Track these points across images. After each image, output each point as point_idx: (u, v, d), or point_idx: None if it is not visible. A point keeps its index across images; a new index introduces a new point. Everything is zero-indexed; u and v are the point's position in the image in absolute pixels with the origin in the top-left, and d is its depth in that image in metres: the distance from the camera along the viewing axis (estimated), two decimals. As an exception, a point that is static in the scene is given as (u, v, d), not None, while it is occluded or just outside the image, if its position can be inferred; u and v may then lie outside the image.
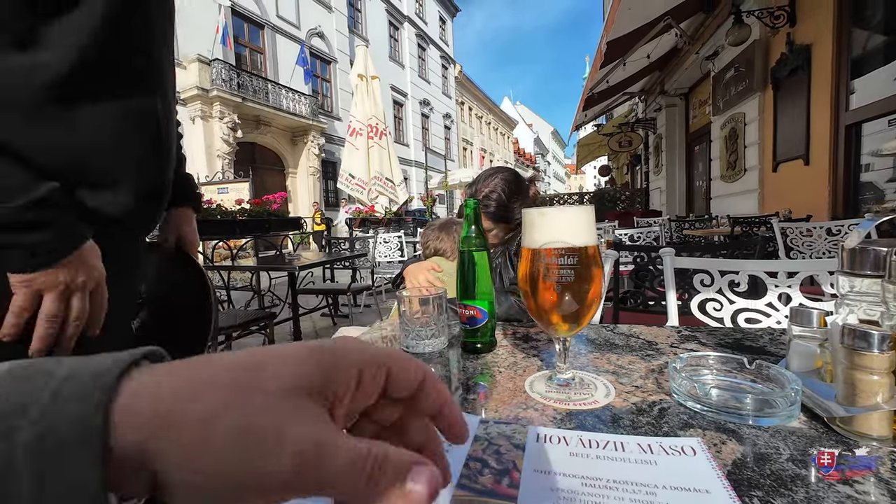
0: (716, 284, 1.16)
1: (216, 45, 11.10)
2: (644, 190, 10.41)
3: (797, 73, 4.27)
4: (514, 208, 1.08)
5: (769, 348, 0.62)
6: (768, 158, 4.95)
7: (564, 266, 0.44)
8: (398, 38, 21.27)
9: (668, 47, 6.68)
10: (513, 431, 0.41)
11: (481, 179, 1.13)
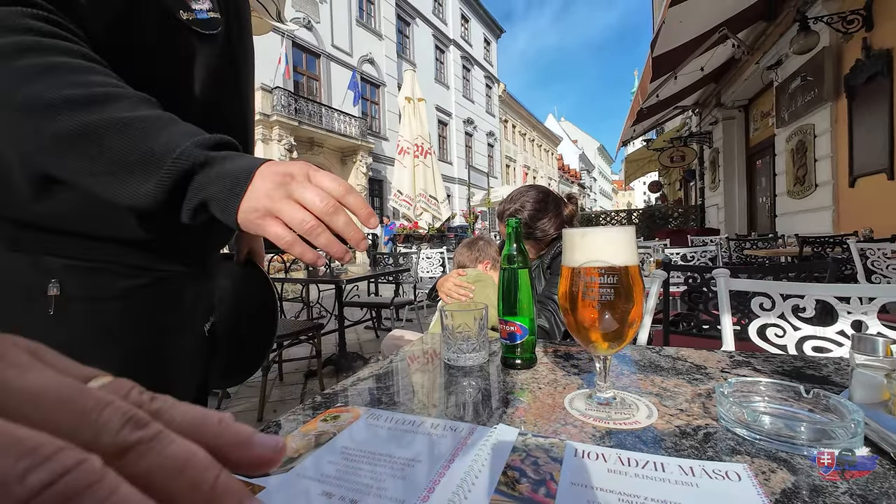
0: (777, 309, 1.08)
1: (278, 75, 12.09)
2: (699, 207, 9.83)
3: (876, 80, 3.91)
4: (539, 227, 1.14)
5: (833, 378, 0.58)
6: (843, 173, 4.52)
7: (604, 285, 0.45)
8: (444, 60, 21.99)
9: (723, 58, 6.38)
10: (551, 445, 0.42)
11: (511, 198, 1.20)
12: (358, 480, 0.37)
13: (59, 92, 0.39)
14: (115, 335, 0.55)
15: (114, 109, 0.40)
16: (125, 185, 0.41)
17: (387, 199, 16.80)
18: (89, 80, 0.41)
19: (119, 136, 0.40)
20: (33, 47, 0.40)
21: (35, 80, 0.39)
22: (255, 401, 2.50)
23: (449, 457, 0.40)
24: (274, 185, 0.41)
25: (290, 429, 0.48)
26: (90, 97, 0.40)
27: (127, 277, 0.55)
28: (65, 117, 0.39)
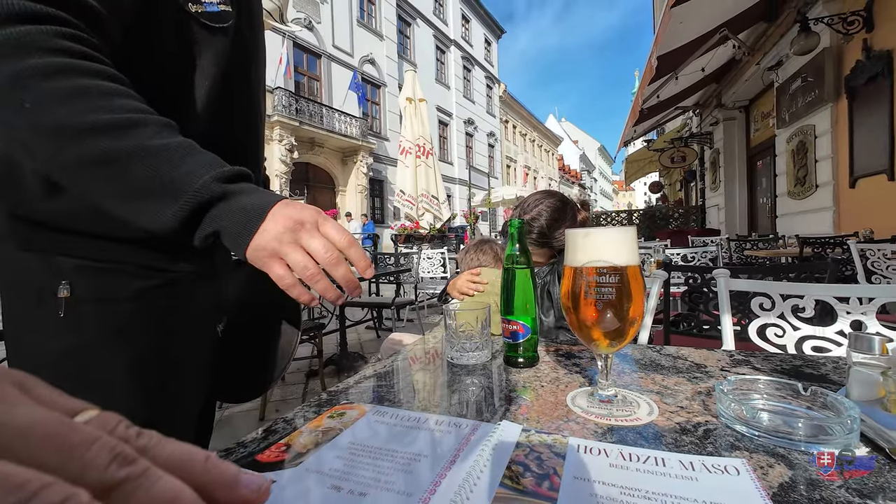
0: (777, 309, 1.09)
1: (279, 75, 12.10)
2: (700, 207, 9.83)
3: (877, 81, 3.92)
4: (555, 237, 1.11)
5: (832, 376, 0.58)
6: (844, 173, 4.53)
7: (605, 284, 0.46)
8: (444, 61, 22.01)
9: (724, 59, 6.38)
10: (553, 441, 0.43)
11: (528, 204, 1.17)
12: (365, 475, 0.38)
13: (86, 117, 0.40)
14: (126, 337, 0.55)
15: (138, 136, 0.42)
16: (142, 210, 0.42)
17: (387, 199, 16.83)
18: (117, 105, 0.42)
19: (141, 163, 0.41)
20: (63, 69, 0.41)
21: (64, 104, 0.40)
22: (256, 401, 2.51)
23: (454, 452, 0.41)
24: (284, 229, 0.44)
25: (297, 426, 0.49)
26: (116, 123, 0.41)
27: (140, 278, 0.56)
28: (91, 142, 0.40)
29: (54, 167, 0.42)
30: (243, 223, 0.44)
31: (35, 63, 0.40)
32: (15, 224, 0.53)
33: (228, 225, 0.44)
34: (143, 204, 0.42)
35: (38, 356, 0.53)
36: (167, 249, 0.58)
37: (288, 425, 0.50)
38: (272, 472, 0.39)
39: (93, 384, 0.54)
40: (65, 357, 0.53)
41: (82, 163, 0.41)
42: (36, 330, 0.53)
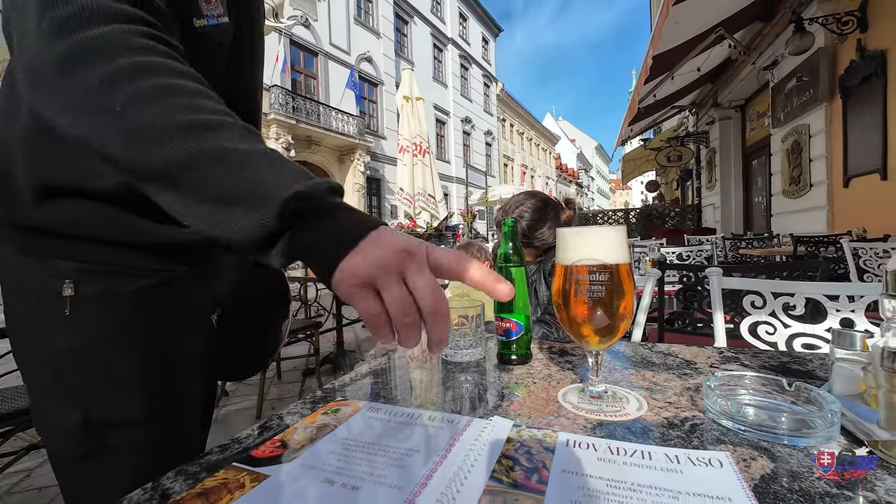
0: (768, 307, 1.10)
1: (275, 73, 12.05)
2: (696, 206, 9.88)
3: (870, 81, 3.95)
4: (537, 236, 1.15)
5: (817, 373, 0.60)
6: (838, 173, 4.57)
7: (595, 282, 0.47)
8: (442, 59, 21.97)
9: (720, 59, 6.42)
10: (544, 435, 0.43)
11: (510, 205, 1.21)
12: (358, 469, 0.39)
13: (172, 116, 0.38)
14: (130, 335, 0.56)
15: (222, 138, 0.38)
16: (220, 217, 0.37)
17: (384, 197, 16.80)
18: (202, 105, 0.40)
19: (224, 166, 0.37)
20: (150, 68, 0.39)
21: (151, 103, 0.38)
22: (253, 399, 2.51)
23: (446, 447, 0.42)
24: (390, 255, 0.36)
25: (291, 422, 0.50)
26: (202, 123, 0.38)
27: (139, 278, 0.57)
28: (175, 143, 0.37)
29: (137, 171, 0.39)
30: (335, 241, 0.37)
31: (123, 63, 0.38)
32: (11, 230, 0.53)
33: (317, 241, 0.37)
34: (222, 210, 0.37)
35: (45, 355, 0.54)
36: (164, 253, 0.59)
37: (282, 422, 0.50)
38: (267, 468, 0.39)
39: (102, 381, 0.54)
40: (73, 355, 0.53)
41: (166, 164, 0.37)
42: (42, 329, 0.53)
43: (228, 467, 0.40)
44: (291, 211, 0.36)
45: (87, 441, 0.53)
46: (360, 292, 0.36)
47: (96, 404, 0.54)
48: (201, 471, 0.40)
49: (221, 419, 2.28)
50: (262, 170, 0.38)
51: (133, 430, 0.55)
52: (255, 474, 0.38)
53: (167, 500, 0.35)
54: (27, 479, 1.76)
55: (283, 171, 0.38)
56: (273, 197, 0.36)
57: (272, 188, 0.36)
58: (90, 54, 0.38)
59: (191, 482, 0.38)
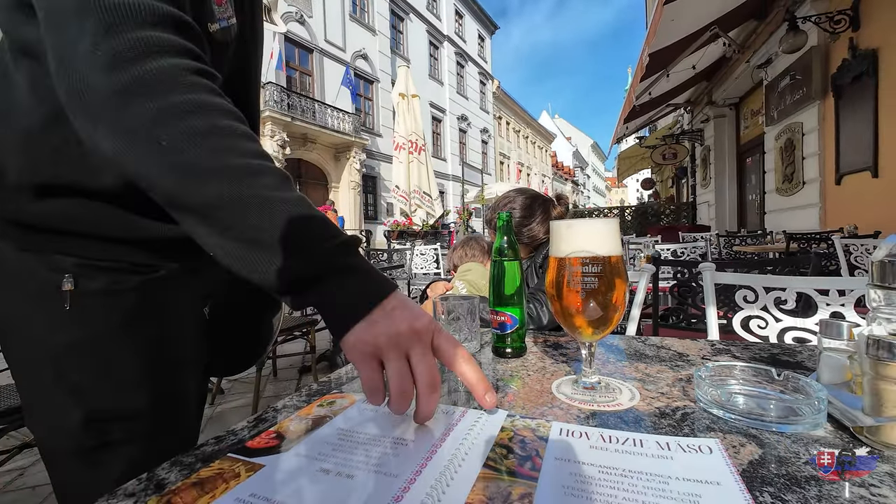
0: (760, 301, 1.12)
1: (270, 70, 11.97)
2: (691, 204, 9.94)
3: (862, 80, 3.99)
4: (526, 233, 1.17)
5: (806, 364, 0.61)
6: (830, 170, 4.62)
7: (588, 274, 0.47)
8: (438, 56, 21.91)
9: (715, 57, 6.45)
10: (537, 425, 0.44)
11: (499, 202, 1.22)
12: (353, 458, 0.39)
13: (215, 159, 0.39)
14: (130, 329, 0.56)
15: (260, 185, 0.40)
16: (247, 260, 0.40)
17: (380, 195, 16.77)
18: (245, 149, 0.41)
19: (258, 212, 0.39)
20: (199, 108, 0.40)
21: (197, 143, 0.39)
22: (249, 396, 2.51)
23: (440, 436, 0.42)
24: (400, 332, 0.40)
25: (287, 414, 0.50)
26: (242, 168, 0.40)
27: (136, 273, 0.57)
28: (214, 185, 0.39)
29: (173, 202, 0.41)
30: (352, 304, 0.41)
31: (176, 101, 0.40)
32: (6, 226, 0.53)
33: (334, 302, 0.41)
34: (250, 251, 0.40)
35: (44, 351, 0.53)
36: (158, 248, 0.59)
37: (278, 414, 0.51)
38: (262, 458, 0.39)
39: (104, 376, 0.54)
40: (73, 350, 0.53)
41: (204, 202, 0.39)
42: (40, 325, 0.53)
43: (223, 458, 0.40)
44: (313, 272, 0.40)
45: (88, 437, 0.53)
46: (364, 358, 0.41)
47: (99, 399, 0.54)
48: (196, 461, 0.40)
49: (217, 417, 2.27)
50: (294, 221, 0.40)
51: (135, 424, 0.55)
52: (251, 464, 0.38)
53: (162, 490, 0.35)
54: (20, 478, 1.75)
55: (312, 224, 0.41)
56: (300, 250, 0.39)
57: (299, 240, 0.40)
58: (146, 88, 0.39)
59: (186, 472, 0.38)
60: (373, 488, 0.34)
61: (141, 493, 0.35)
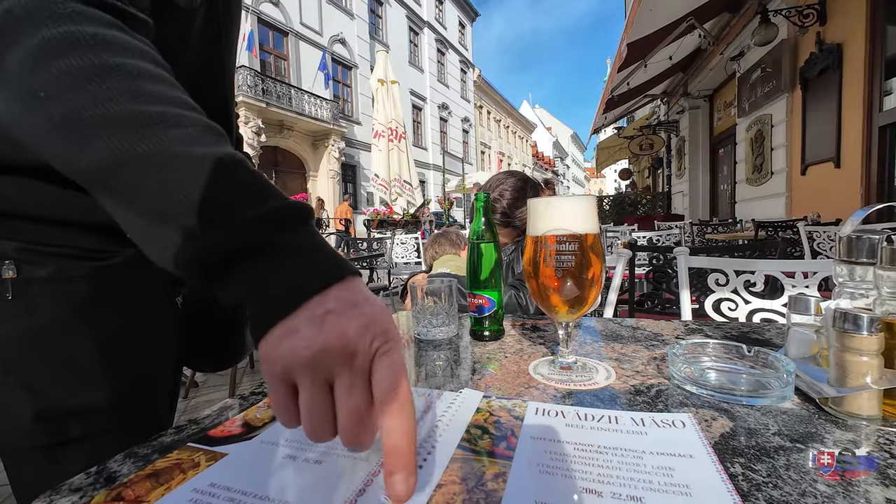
0: (731, 284, 1.15)
1: (242, 52, 11.50)
2: (666, 194, 10.20)
3: (827, 73, 4.14)
4: (517, 216, 1.14)
5: (775, 340, 0.62)
6: (796, 161, 4.80)
7: (565, 252, 0.47)
8: (418, 43, 21.53)
9: (691, 48, 6.57)
10: (513, 405, 0.43)
11: (490, 184, 1.19)
12: (323, 444, 0.37)
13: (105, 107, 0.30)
14: (84, 316, 0.52)
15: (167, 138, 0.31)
16: (149, 235, 0.31)
17: (360, 184, 16.51)
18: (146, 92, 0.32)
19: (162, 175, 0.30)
20: (79, 41, 0.31)
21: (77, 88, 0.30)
22: (225, 390, 2.45)
23: (415, 419, 0.41)
24: (322, 348, 0.27)
25: (255, 402, 0.48)
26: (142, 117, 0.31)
27: (90, 259, 0.53)
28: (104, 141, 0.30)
29: (67, 170, 0.32)
30: (274, 299, 0.29)
31: (49, 35, 0.31)
32: None
33: (252, 293, 0.29)
34: (154, 225, 0.30)
35: None
36: (112, 232, 0.54)
37: (245, 402, 0.48)
38: (225, 447, 0.37)
39: (56, 368, 0.50)
40: (17, 343, 0.49)
41: (92, 166, 0.31)
42: None
43: (183, 448, 0.37)
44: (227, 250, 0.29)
45: (42, 435, 0.49)
46: (275, 379, 0.28)
47: (50, 395, 0.50)
48: (153, 452, 0.37)
49: (191, 410, 2.21)
50: (208, 183, 0.30)
51: (93, 421, 0.52)
52: (212, 453, 0.36)
53: (113, 482, 0.33)
54: (-23, 479, 1.66)
55: (234, 186, 0.31)
56: (214, 222, 0.29)
57: (214, 210, 0.29)
58: (15, 23, 0.31)
59: (141, 464, 0.35)
60: (342, 474, 0.33)
61: (88, 488, 0.32)
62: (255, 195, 0.31)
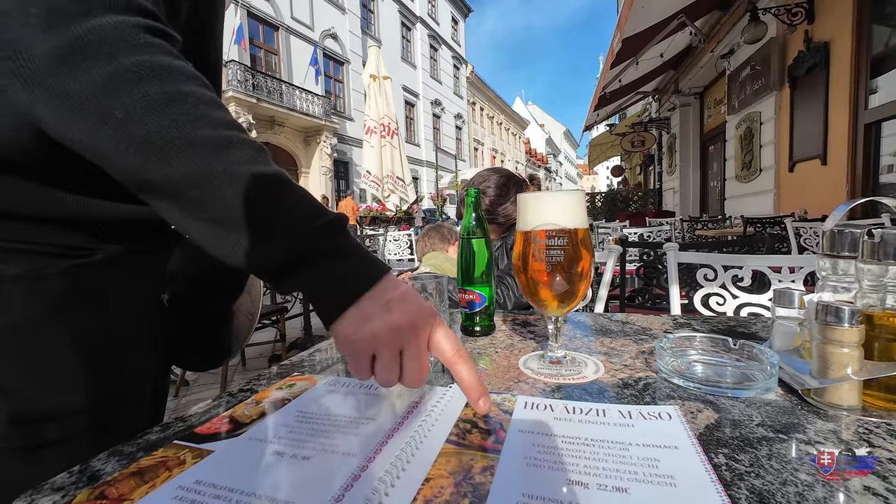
0: (719, 279, 1.16)
1: (231, 46, 11.33)
2: (657, 190, 10.28)
3: (814, 71, 4.19)
4: (500, 212, 1.15)
5: (760, 334, 0.63)
6: (784, 158, 4.86)
7: (554, 247, 0.47)
8: (410, 38, 21.38)
9: (682, 46, 6.61)
10: (503, 400, 0.43)
11: (474, 181, 1.20)
12: (312, 440, 0.37)
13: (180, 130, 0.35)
14: (61, 315, 0.50)
15: (234, 158, 0.37)
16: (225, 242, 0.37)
17: (352, 181, 16.40)
18: (213, 118, 0.37)
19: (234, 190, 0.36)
20: (156, 71, 0.36)
21: (157, 113, 0.35)
22: (216, 388, 2.43)
23: (403, 414, 0.41)
24: (397, 327, 0.37)
25: (243, 398, 0.48)
26: (212, 140, 0.36)
27: (67, 257, 0.51)
28: (181, 160, 0.35)
29: (133, 179, 0.36)
30: (342, 291, 0.38)
31: (127, 63, 0.34)
32: None
33: (322, 287, 0.38)
34: (227, 233, 0.36)
35: None
36: (93, 230, 0.53)
37: (234, 398, 0.48)
38: (211, 444, 0.37)
39: (31, 365, 0.49)
40: None
41: (169, 179, 0.35)
42: None
43: (168, 445, 0.37)
44: (299, 254, 0.37)
45: (18, 438, 0.48)
46: (358, 355, 0.38)
47: (26, 395, 0.48)
48: (138, 451, 0.37)
49: (181, 409, 2.19)
50: (272, 196, 0.37)
51: (72, 423, 0.50)
52: (198, 451, 0.36)
53: (96, 481, 0.32)
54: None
55: (295, 200, 0.38)
56: (284, 230, 0.36)
57: (282, 220, 0.37)
58: (91, 49, 0.34)
59: (125, 462, 0.35)
60: (330, 469, 0.33)
61: (71, 487, 0.32)
62: (313, 208, 0.39)
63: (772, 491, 0.28)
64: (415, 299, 0.39)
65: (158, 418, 0.69)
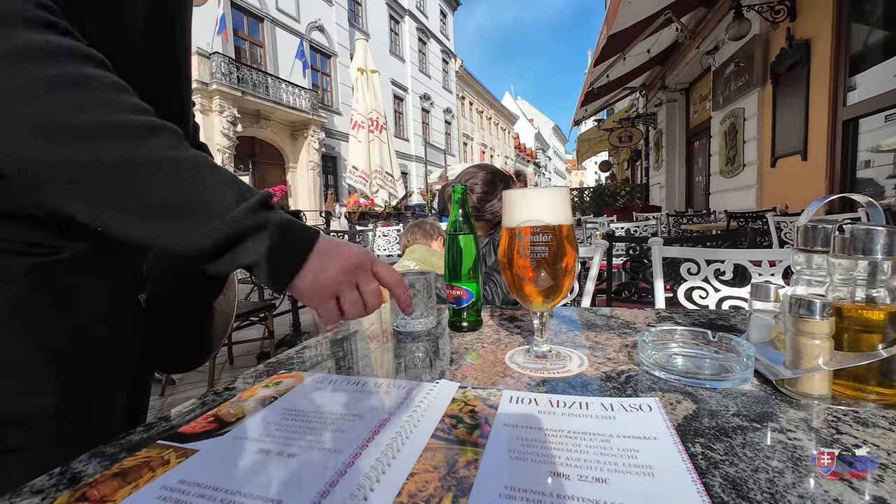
0: (702, 273, 1.19)
1: (215, 38, 11.07)
2: (644, 185, 10.41)
3: (796, 68, 4.27)
4: (487, 209, 1.16)
5: (739, 327, 0.65)
6: (767, 154, 4.96)
7: (539, 243, 0.47)
8: (399, 31, 21.15)
9: (668, 42, 6.67)
10: (488, 395, 0.44)
11: (460, 178, 1.20)
12: (298, 437, 0.37)
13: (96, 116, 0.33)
14: (27, 315, 0.48)
15: (155, 145, 0.36)
16: (161, 230, 0.37)
17: (341, 176, 16.22)
18: (125, 104, 0.36)
19: (161, 177, 0.36)
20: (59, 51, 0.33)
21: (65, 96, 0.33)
22: (203, 387, 2.40)
23: (389, 410, 0.41)
24: (347, 270, 0.45)
25: (229, 397, 0.47)
26: (131, 126, 0.35)
27: (31, 255, 0.49)
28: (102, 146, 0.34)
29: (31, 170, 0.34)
30: (288, 256, 0.42)
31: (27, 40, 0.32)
32: None
33: (267, 257, 0.40)
34: (162, 223, 0.37)
35: None
36: (54, 226, 0.51)
37: (219, 397, 0.48)
38: (196, 443, 0.37)
39: None
40: None
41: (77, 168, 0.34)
42: None
43: (152, 445, 0.37)
44: (235, 231, 0.38)
45: None
46: (325, 300, 0.45)
47: None
48: (120, 451, 0.37)
49: (167, 408, 2.16)
50: (200, 180, 0.38)
51: (39, 425, 0.48)
52: (183, 450, 0.36)
53: (78, 483, 0.32)
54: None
55: (221, 182, 0.39)
56: (216, 212, 0.38)
57: (213, 203, 0.38)
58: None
59: (107, 464, 0.35)
60: (316, 466, 0.33)
61: (51, 489, 0.32)
62: (240, 188, 0.41)
63: (744, 478, 0.29)
64: (350, 245, 0.48)
65: (141, 418, 0.68)
